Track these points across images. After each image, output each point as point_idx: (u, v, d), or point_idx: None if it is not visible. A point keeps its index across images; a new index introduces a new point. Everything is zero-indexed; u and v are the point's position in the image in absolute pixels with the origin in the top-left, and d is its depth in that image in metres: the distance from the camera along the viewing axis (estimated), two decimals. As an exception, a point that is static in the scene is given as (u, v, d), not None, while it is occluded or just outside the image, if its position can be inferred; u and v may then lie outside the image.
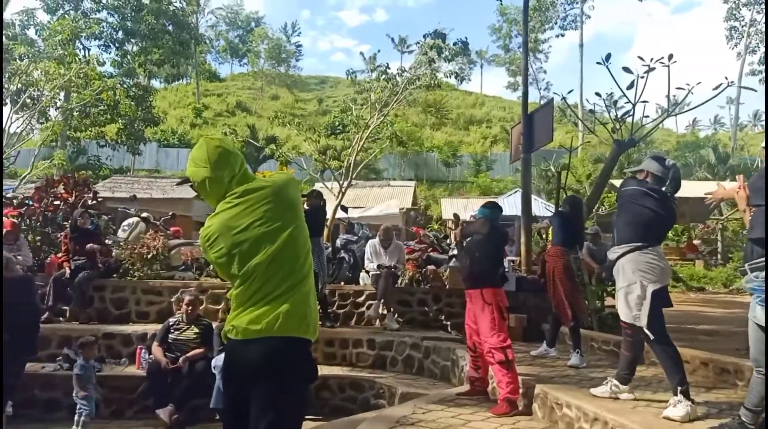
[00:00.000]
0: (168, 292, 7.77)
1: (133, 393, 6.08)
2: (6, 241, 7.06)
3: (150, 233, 8.35)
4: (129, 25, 26.04)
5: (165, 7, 26.52)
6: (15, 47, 16.11)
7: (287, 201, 2.17)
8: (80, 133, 24.15)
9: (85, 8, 26.02)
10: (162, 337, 6.23)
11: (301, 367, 2.11)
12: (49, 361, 6.39)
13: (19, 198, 8.60)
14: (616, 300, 3.82)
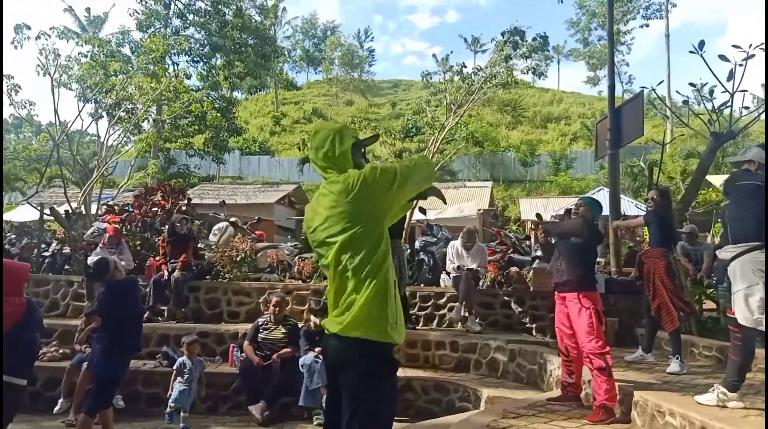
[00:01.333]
0: (256, 293, 8.08)
1: (227, 389, 6.35)
2: (109, 245, 7.62)
3: (238, 237, 8.71)
4: (214, 41, 27.40)
5: (248, 22, 27.69)
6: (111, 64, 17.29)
7: (358, 198, 2.15)
8: (170, 143, 25.67)
9: (174, 26, 27.66)
10: (252, 336, 6.48)
11: (370, 366, 2.13)
12: (149, 359, 6.80)
13: (120, 205, 9.25)
14: (733, 303, 3.55)
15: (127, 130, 16.72)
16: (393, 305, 2.17)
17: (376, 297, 2.12)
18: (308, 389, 5.82)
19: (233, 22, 27.62)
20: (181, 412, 5.64)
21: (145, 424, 5.84)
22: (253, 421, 5.87)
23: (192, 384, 5.82)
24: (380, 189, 2.16)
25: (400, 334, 2.19)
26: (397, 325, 2.17)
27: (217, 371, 6.56)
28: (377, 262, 2.14)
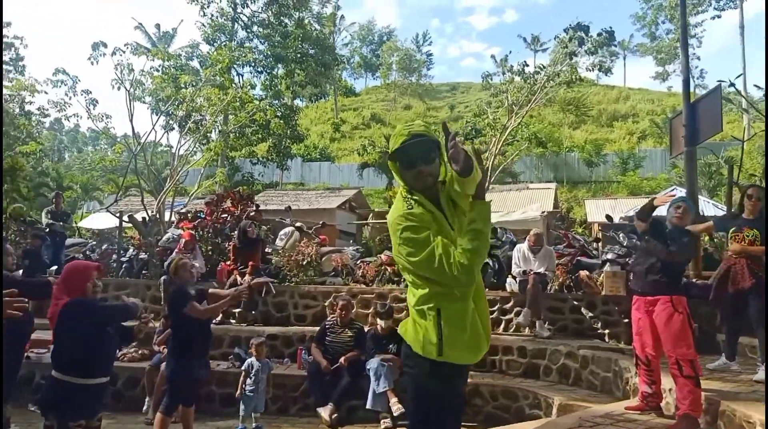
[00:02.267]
0: (322, 297, 8.20)
1: (297, 391, 6.47)
2: (184, 250, 7.94)
3: (304, 241, 8.89)
4: (277, 51, 28.20)
5: (308, 32, 28.33)
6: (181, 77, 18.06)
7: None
8: (235, 152, 26.55)
9: (239, 38, 28.66)
10: (319, 339, 6.58)
11: (415, 376, 2.16)
12: (222, 360, 7.02)
13: (193, 212, 9.65)
14: None
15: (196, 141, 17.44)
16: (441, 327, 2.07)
17: (430, 317, 2.08)
18: (375, 393, 5.85)
19: (294, 32, 28.35)
20: (252, 413, 5.78)
21: (219, 423, 6.03)
22: (321, 422, 5.95)
23: (260, 385, 5.91)
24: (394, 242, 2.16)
25: (455, 355, 2.10)
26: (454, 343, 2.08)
27: (286, 373, 6.69)
28: (418, 282, 2.12)
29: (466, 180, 2.05)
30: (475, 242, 2.01)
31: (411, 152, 2.12)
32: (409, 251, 2.05)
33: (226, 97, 16.12)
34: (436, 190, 2.19)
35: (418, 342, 2.11)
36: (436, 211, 2.14)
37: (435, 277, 2.03)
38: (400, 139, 2.15)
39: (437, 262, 1.98)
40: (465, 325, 2.09)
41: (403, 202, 2.14)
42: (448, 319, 2.07)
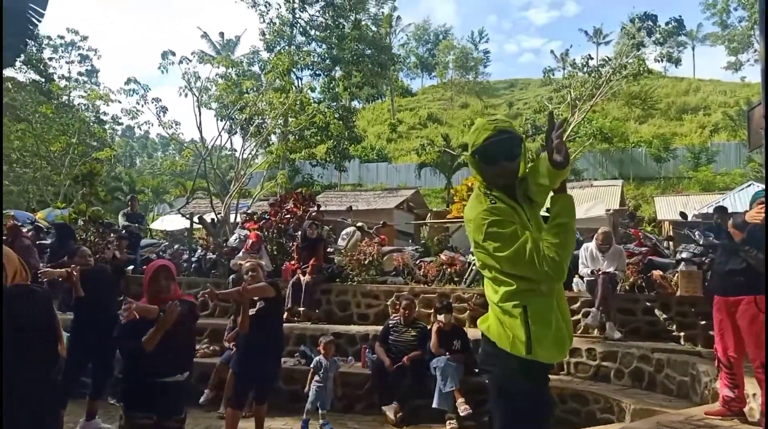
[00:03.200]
0: (384, 296, 8.24)
1: (361, 389, 6.52)
2: (251, 250, 8.17)
3: (365, 241, 8.96)
4: (334, 53, 28.63)
5: (364, 34, 28.61)
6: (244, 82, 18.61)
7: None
8: (295, 154, 27.14)
9: (297, 43, 29.29)
10: (383, 338, 6.61)
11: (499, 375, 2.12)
12: (288, 357, 7.16)
13: (258, 213, 9.92)
14: None
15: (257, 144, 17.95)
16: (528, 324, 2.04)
17: (516, 314, 2.05)
18: (441, 392, 5.82)
19: (351, 34, 28.70)
20: (319, 410, 5.87)
21: (287, 419, 6.15)
22: (387, 421, 5.97)
23: (328, 383, 6.00)
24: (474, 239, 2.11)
25: (543, 353, 2.06)
26: (542, 341, 2.04)
27: (350, 371, 6.76)
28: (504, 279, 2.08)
29: (559, 173, 2.01)
30: (562, 236, 1.96)
31: (494, 149, 2.08)
32: (495, 246, 2.00)
33: (287, 100, 16.50)
34: (513, 187, 2.14)
35: (505, 339, 2.07)
36: (517, 206, 2.10)
37: (523, 272, 1.99)
38: (483, 135, 2.11)
39: (528, 257, 1.93)
40: (551, 322, 2.04)
41: (483, 197, 2.11)
42: (535, 317, 2.02)
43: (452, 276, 8.78)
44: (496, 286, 2.11)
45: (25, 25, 9.94)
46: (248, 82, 18.37)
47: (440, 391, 5.82)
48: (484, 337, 2.22)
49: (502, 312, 2.08)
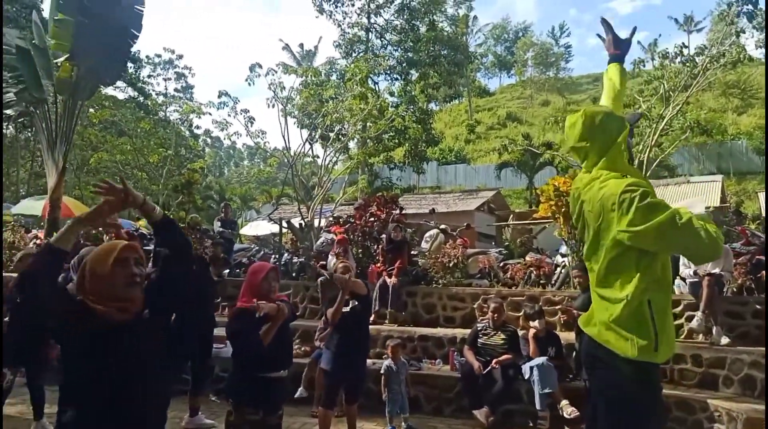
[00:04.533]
0: (470, 299, 8.16)
1: (450, 392, 6.48)
2: (339, 252, 8.36)
3: (450, 243, 8.92)
4: (409, 56, 28.78)
5: (440, 35, 28.56)
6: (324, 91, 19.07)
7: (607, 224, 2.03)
8: (374, 158, 27.49)
9: (373, 48, 29.71)
10: (471, 342, 6.53)
11: (615, 379, 2.01)
12: (376, 359, 7.25)
13: (344, 217, 10.14)
14: None
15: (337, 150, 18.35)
16: (656, 321, 1.96)
17: (634, 309, 1.96)
18: (540, 394, 5.72)
19: (426, 35, 28.73)
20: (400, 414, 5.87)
21: (378, 420, 6.22)
22: (478, 425, 5.90)
23: (401, 386, 5.94)
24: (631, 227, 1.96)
25: (664, 352, 1.99)
26: (662, 339, 1.96)
27: (439, 374, 6.73)
28: (639, 273, 1.98)
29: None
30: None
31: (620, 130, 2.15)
32: (649, 217, 1.88)
33: (366, 106, 16.75)
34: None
35: (622, 340, 1.98)
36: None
37: (679, 241, 1.88)
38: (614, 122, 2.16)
39: (684, 221, 1.83)
40: (670, 317, 1.96)
41: (620, 177, 2.06)
42: (659, 312, 1.94)
43: (539, 279, 8.57)
44: (617, 282, 2.01)
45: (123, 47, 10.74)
46: (330, 90, 18.82)
47: (539, 393, 5.71)
48: (589, 340, 2.13)
49: (624, 310, 1.98)
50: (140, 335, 2.17)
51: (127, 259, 2.18)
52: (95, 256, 2.19)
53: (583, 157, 2.24)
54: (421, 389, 6.50)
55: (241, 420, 3.45)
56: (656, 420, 2.03)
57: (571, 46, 60.22)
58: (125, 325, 2.14)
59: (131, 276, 2.16)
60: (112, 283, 2.12)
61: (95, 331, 2.05)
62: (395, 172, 29.98)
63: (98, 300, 2.10)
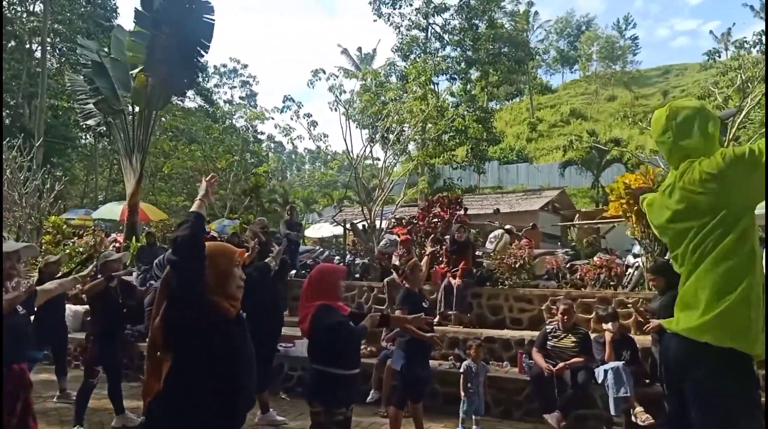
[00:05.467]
0: (537, 300, 7.98)
1: (520, 395, 6.36)
2: (403, 252, 8.39)
3: (515, 243, 8.76)
4: (469, 55, 28.51)
5: (499, 32, 28.14)
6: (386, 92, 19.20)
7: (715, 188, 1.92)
8: (434, 159, 27.40)
9: (431, 49, 29.64)
10: (541, 344, 6.38)
11: (719, 377, 1.88)
12: (443, 360, 7.22)
13: (406, 218, 10.17)
14: None
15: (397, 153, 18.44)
16: (759, 310, 1.88)
17: (738, 299, 1.86)
18: (615, 398, 5.53)
19: (486, 33, 28.36)
20: (473, 415, 5.82)
21: (445, 421, 6.19)
22: (549, 430, 5.76)
23: (479, 388, 5.93)
24: (741, 174, 1.89)
25: (762, 345, 1.88)
26: (761, 334, 1.87)
27: (507, 376, 6.62)
28: (739, 259, 1.88)
29: None
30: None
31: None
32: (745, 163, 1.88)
33: (426, 107, 16.74)
34: None
35: (731, 337, 1.87)
36: None
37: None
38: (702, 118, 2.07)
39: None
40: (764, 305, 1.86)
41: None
42: (757, 300, 1.86)
43: (609, 280, 8.27)
44: (724, 273, 1.90)
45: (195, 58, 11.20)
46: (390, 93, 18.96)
47: (614, 397, 5.52)
48: (681, 341, 2.03)
49: (730, 305, 1.87)
50: (243, 332, 2.35)
51: (238, 263, 2.37)
52: (222, 256, 2.34)
53: (668, 153, 2.16)
54: (489, 392, 6.40)
55: (328, 418, 3.53)
56: (756, 420, 1.91)
57: (637, 38, 57.67)
58: (233, 321, 2.31)
59: (241, 279, 2.36)
60: (230, 283, 2.30)
61: (214, 323, 2.22)
62: (456, 172, 29.76)
63: (219, 295, 2.26)
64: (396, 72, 30.01)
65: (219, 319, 2.24)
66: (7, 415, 2.86)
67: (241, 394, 2.31)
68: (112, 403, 5.80)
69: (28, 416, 2.98)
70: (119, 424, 5.76)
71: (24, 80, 26.03)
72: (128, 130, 11.76)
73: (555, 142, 42.39)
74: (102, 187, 29.89)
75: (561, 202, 23.10)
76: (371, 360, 7.20)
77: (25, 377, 3.01)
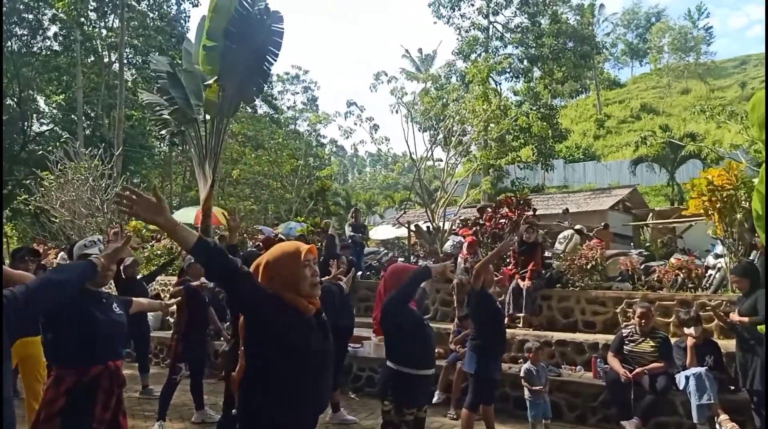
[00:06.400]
0: (611, 303, 7.71)
1: (594, 401, 6.16)
2: (469, 253, 8.32)
3: (586, 244, 8.50)
4: (531, 53, 27.90)
5: (563, 26, 27.39)
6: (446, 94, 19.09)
7: None
8: (499, 160, 26.96)
9: (492, 48, 29.22)
10: (617, 348, 6.15)
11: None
12: (511, 363, 7.09)
13: (472, 219, 10.07)
14: None
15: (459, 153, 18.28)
16: None
17: None
18: (699, 406, 5.27)
19: (549, 29, 27.66)
20: (542, 419, 5.68)
21: (516, 425, 6.09)
22: (627, 437, 5.54)
23: (543, 390, 5.78)
24: None
25: None
26: None
27: (581, 381, 6.43)
28: None
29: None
30: None
31: None
32: None
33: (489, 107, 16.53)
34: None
35: None
36: None
37: None
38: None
39: None
40: None
41: None
42: None
43: (687, 282, 7.86)
44: None
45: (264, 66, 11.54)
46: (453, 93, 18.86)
47: (697, 405, 5.25)
48: None
49: None
50: (323, 330, 2.38)
51: (309, 262, 2.37)
52: (288, 257, 2.37)
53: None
54: (562, 396, 6.26)
55: (398, 417, 3.55)
56: None
57: (711, 28, 54.48)
58: (311, 318, 2.35)
59: (315, 276, 2.37)
60: (302, 283, 2.32)
61: (289, 320, 2.26)
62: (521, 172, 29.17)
63: (294, 294, 2.31)
64: (456, 73, 29.81)
65: (298, 317, 2.29)
66: (102, 409, 2.99)
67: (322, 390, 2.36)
68: (193, 399, 6.06)
69: (119, 412, 3.14)
70: (199, 419, 6.02)
71: (103, 93, 27.69)
72: (201, 138, 12.26)
73: (624, 138, 40.76)
74: (176, 193, 31.34)
75: (632, 201, 22.17)
76: (440, 362, 7.19)
77: (119, 374, 3.17)
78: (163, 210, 1.97)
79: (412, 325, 3.69)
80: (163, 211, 1.98)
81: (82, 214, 13.27)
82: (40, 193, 14.09)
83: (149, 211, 1.91)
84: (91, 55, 28.70)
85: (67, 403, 2.87)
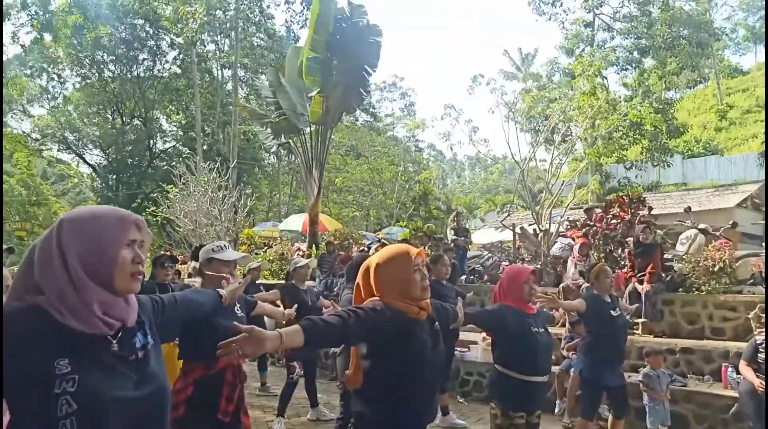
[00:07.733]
0: (744, 308, 7.05)
1: (726, 413, 5.68)
2: (580, 256, 7.98)
3: (712, 244, 7.85)
4: (642, 43, 26.29)
5: (677, 13, 25.57)
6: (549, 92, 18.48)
7: None
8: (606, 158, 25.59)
9: (599, 40, 27.88)
10: (750, 356, 5.59)
11: None
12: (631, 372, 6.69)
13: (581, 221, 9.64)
14: None
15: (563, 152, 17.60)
16: None
17: None
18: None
19: (661, 17, 25.92)
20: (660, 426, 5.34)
21: (639, 436, 5.74)
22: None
23: (663, 397, 5.43)
24: None
25: None
26: None
27: (710, 391, 5.94)
28: None
29: None
30: None
31: None
32: None
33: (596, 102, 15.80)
34: None
35: None
36: None
37: None
38: None
39: None
40: None
41: None
42: None
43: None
44: None
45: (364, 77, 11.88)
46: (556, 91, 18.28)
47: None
48: None
49: None
50: (435, 336, 2.37)
51: (419, 266, 2.35)
52: (393, 260, 2.37)
53: None
54: (689, 408, 5.82)
55: (505, 421, 3.49)
56: None
57: None
58: (423, 322, 2.34)
59: (424, 280, 2.34)
60: (412, 288, 2.31)
61: (400, 326, 2.26)
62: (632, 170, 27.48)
63: (399, 298, 2.31)
64: (560, 70, 28.78)
65: (410, 325, 2.28)
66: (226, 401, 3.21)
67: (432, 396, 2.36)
68: (308, 397, 6.33)
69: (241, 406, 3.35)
70: (314, 417, 6.28)
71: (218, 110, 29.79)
72: (307, 148, 12.83)
73: (750, 129, 37.15)
74: (284, 202, 32.94)
75: (762, 198, 20.16)
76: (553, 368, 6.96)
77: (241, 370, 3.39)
78: (263, 339, 1.88)
79: (517, 329, 3.61)
80: (264, 339, 1.89)
81: (203, 223, 14.33)
82: (166, 205, 15.41)
83: (255, 346, 1.84)
84: (206, 75, 31.00)
85: (193, 393, 3.12)
